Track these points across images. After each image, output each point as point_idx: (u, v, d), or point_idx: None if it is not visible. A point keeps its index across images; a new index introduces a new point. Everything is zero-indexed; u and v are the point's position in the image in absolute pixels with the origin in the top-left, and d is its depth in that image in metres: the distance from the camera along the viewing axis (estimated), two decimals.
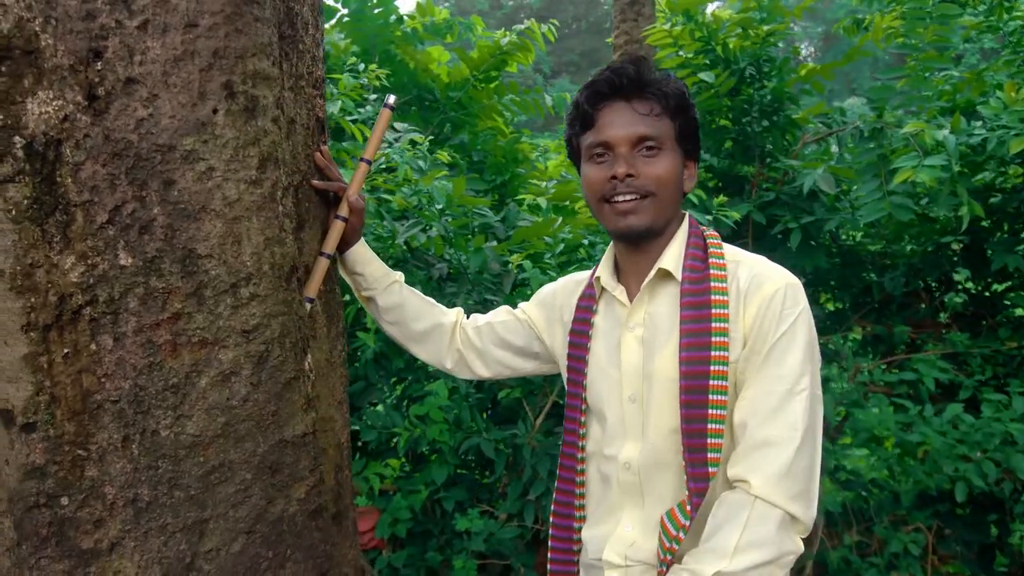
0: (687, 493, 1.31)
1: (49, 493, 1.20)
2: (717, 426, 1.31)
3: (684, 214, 1.48)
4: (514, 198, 3.69)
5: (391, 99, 1.49)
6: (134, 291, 1.17)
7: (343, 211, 1.46)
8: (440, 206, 3.01)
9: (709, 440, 1.31)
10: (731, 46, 3.73)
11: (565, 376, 1.53)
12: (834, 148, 3.83)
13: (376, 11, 4.41)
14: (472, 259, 3.01)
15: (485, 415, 3.34)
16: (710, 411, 1.31)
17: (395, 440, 3.01)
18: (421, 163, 3.00)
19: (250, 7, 1.19)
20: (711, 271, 1.38)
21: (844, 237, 4.02)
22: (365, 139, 3.35)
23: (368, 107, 3.68)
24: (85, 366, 1.18)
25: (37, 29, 1.09)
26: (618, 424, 1.43)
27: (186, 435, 1.22)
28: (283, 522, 1.31)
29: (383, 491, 3.18)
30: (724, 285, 1.36)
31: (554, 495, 1.52)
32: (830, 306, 4.35)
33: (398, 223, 3.11)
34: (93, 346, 1.18)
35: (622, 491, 1.42)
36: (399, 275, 1.64)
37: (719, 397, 1.31)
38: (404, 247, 3.13)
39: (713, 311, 1.34)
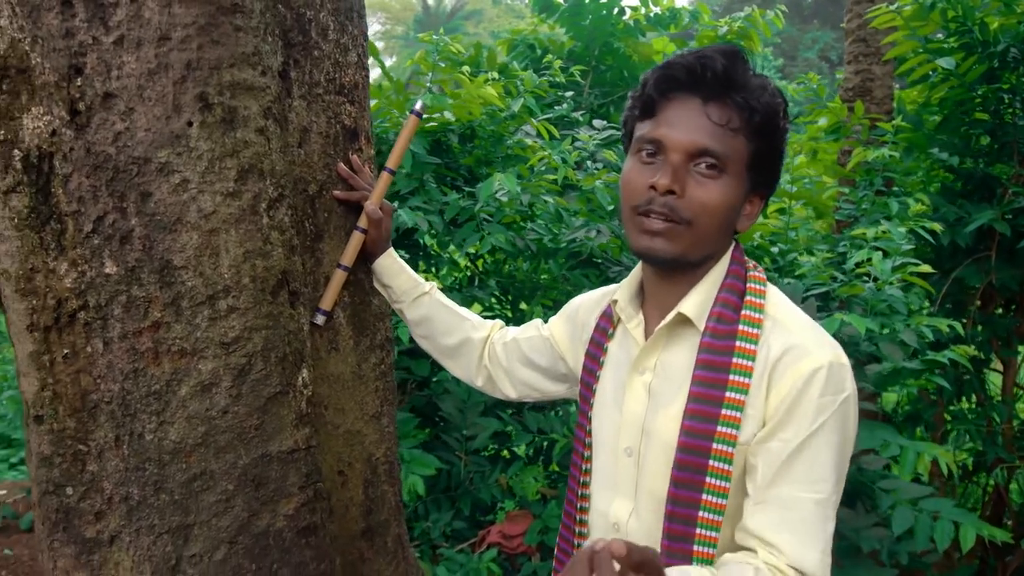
0: None
1: (56, 482, 1.28)
2: (711, 515, 1.09)
3: (731, 244, 1.21)
4: None
5: (419, 105, 1.41)
6: (118, 299, 1.21)
7: (362, 222, 1.41)
8: (610, 207, 2.87)
9: (699, 531, 1.09)
10: (992, 27, 3.15)
11: (578, 402, 1.35)
12: None
13: (600, 1, 4.31)
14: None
15: None
16: (704, 496, 1.09)
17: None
18: (589, 163, 2.86)
19: (229, 16, 1.18)
20: (741, 326, 1.13)
21: None
22: (552, 137, 3.28)
23: (563, 104, 3.61)
24: (82, 367, 1.24)
25: (27, 48, 1.15)
26: (610, 474, 1.24)
27: (168, 441, 1.24)
28: (268, 536, 1.30)
29: (543, 496, 3.12)
30: (753, 347, 1.11)
31: (557, 539, 1.36)
32: None
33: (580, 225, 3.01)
34: (88, 348, 1.23)
35: None
36: (430, 286, 1.54)
37: (718, 482, 1.09)
38: (595, 248, 3.02)
39: (731, 377, 1.10)
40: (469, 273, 3.64)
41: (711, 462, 1.08)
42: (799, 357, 1.08)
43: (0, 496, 3.08)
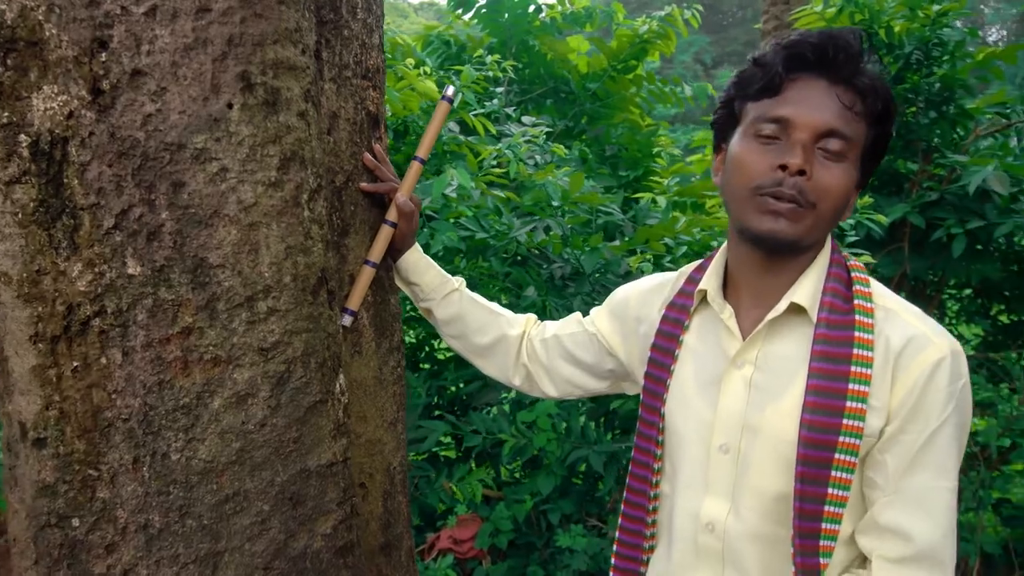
0: None
1: (60, 513, 1.12)
2: (835, 509, 1.08)
3: (827, 237, 1.20)
4: (632, 195, 3.45)
5: (449, 91, 1.33)
6: (142, 302, 1.07)
7: (391, 216, 1.32)
8: (557, 203, 2.84)
9: (824, 525, 1.08)
10: (896, 29, 3.33)
11: (641, 397, 1.30)
12: (1014, 142, 3.34)
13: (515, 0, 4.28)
14: (587, 259, 2.82)
15: (601, 424, 3.15)
16: (830, 490, 1.08)
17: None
18: (537, 158, 2.83)
19: None
20: (856, 316, 1.11)
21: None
22: (488, 134, 3.22)
23: (495, 100, 3.56)
24: (95, 381, 1.10)
25: (41, 18, 1.00)
26: (698, 472, 1.19)
27: (198, 460, 1.11)
28: (306, 559, 1.19)
29: (488, 498, 3.06)
30: (870, 337, 1.09)
31: (617, 534, 1.30)
32: (1004, 318, 3.86)
33: (520, 220, 2.97)
34: (103, 360, 1.09)
35: (699, 555, 1.19)
36: (459, 282, 1.47)
37: (842, 475, 1.08)
38: (524, 244, 2.98)
39: (853, 369, 1.08)
40: None
41: (836, 455, 1.07)
42: (922, 347, 1.08)
43: None
